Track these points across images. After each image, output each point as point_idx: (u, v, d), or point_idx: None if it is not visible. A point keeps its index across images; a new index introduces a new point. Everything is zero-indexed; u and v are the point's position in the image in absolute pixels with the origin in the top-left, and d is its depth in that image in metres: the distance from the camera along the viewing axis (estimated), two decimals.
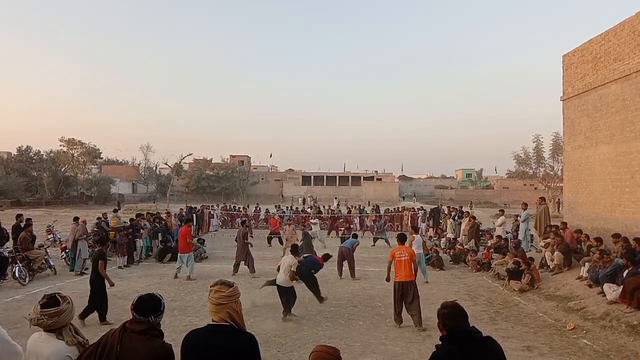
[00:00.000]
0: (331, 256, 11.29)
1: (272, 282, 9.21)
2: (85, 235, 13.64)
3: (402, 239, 9.00)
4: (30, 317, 2.72)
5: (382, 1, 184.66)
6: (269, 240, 20.46)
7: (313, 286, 9.81)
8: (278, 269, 9.04)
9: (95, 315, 8.27)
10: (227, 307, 2.70)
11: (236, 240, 13.92)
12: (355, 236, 14.46)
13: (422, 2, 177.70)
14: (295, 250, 9.77)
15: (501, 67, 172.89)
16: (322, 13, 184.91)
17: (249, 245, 13.60)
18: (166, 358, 2.58)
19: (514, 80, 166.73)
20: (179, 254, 12.89)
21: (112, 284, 8.61)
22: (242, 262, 13.26)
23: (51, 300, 2.74)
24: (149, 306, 2.65)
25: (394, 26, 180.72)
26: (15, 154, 56.08)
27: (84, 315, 8.07)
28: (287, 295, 8.74)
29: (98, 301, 8.30)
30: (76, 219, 14.49)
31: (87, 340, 2.77)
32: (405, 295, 8.10)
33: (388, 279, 8.57)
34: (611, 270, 9.28)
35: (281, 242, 18.94)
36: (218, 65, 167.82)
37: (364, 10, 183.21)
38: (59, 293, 2.85)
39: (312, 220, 22.24)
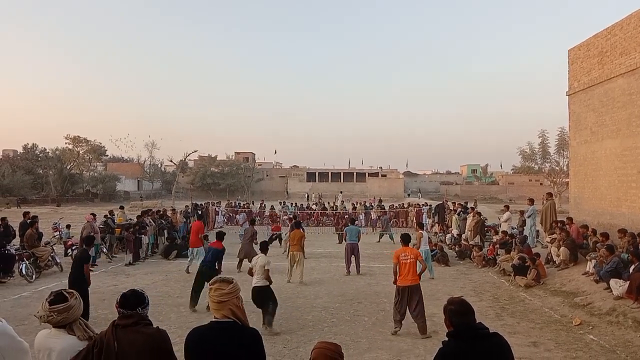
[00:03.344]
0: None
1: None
2: (92, 233, 13.41)
3: (406, 239, 8.15)
4: (40, 315, 2.74)
5: (384, 1, 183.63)
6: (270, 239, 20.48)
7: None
8: (250, 273, 8.04)
9: (95, 314, 8.21)
10: (229, 304, 2.71)
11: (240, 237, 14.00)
12: (352, 221, 14.33)
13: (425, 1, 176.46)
14: (265, 247, 8.86)
15: (506, 62, 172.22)
16: (324, 13, 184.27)
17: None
18: (164, 343, 2.63)
19: (519, 76, 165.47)
20: (189, 248, 12.96)
21: (89, 284, 7.80)
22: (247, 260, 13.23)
23: (58, 297, 2.76)
24: (133, 300, 2.73)
25: (400, 23, 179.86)
26: (21, 151, 56.55)
27: None
28: (264, 298, 7.72)
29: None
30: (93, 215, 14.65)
31: (96, 334, 2.79)
32: (410, 300, 7.62)
33: (396, 282, 7.94)
34: (611, 267, 9.24)
35: (280, 242, 18.96)
36: (221, 64, 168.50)
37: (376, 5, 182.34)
38: (65, 289, 2.87)
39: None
